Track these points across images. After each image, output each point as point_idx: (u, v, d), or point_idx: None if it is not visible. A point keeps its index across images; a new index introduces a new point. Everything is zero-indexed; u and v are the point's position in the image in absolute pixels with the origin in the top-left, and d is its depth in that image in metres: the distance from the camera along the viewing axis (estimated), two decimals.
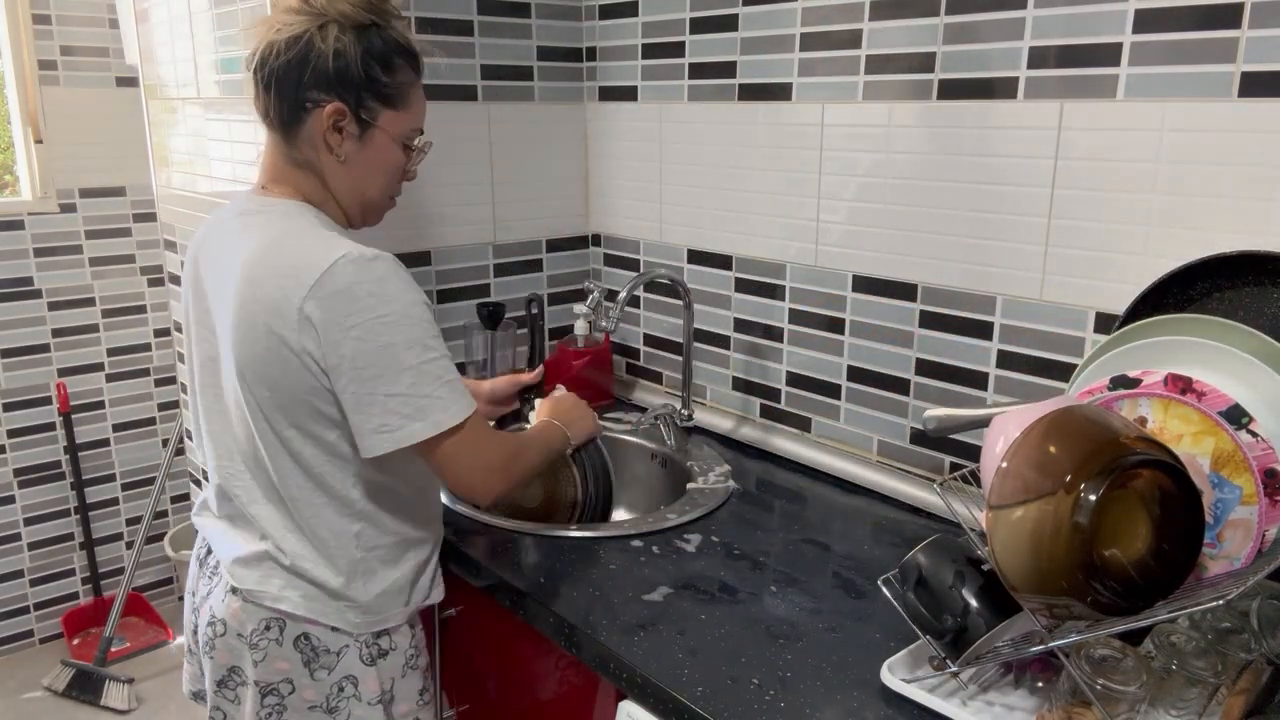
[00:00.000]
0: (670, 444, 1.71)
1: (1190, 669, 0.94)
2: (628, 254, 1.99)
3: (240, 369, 1.10)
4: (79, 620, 2.89)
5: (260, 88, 1.12)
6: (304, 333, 1.04)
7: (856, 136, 1.50)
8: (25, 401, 2.72)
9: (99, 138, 2.72)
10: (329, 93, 1.10)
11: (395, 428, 1.06)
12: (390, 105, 1.14)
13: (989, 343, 1.39)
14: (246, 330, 1.08)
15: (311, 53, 1.09)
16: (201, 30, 1.85)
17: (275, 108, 1.12)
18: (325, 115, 1.10)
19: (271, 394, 1.09)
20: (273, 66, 1.10)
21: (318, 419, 1.10)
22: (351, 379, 1.05)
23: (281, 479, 1.13)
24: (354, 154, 1.14)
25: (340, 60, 1.09)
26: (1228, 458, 0.91)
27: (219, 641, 1.18)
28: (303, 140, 1.13)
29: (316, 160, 1.14)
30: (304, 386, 1.07)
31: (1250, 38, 1.09)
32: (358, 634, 1.17)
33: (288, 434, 1.11)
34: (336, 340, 1.04)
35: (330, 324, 1.03)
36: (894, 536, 1.38)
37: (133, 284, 2.85)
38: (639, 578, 1.25)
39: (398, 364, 1.05)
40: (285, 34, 1.09)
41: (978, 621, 0.96)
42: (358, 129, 1.13)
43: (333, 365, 1.05)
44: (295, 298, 1.04)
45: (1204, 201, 1.15)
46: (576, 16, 1.95)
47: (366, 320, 1.03)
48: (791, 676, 1.03)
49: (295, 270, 1.05)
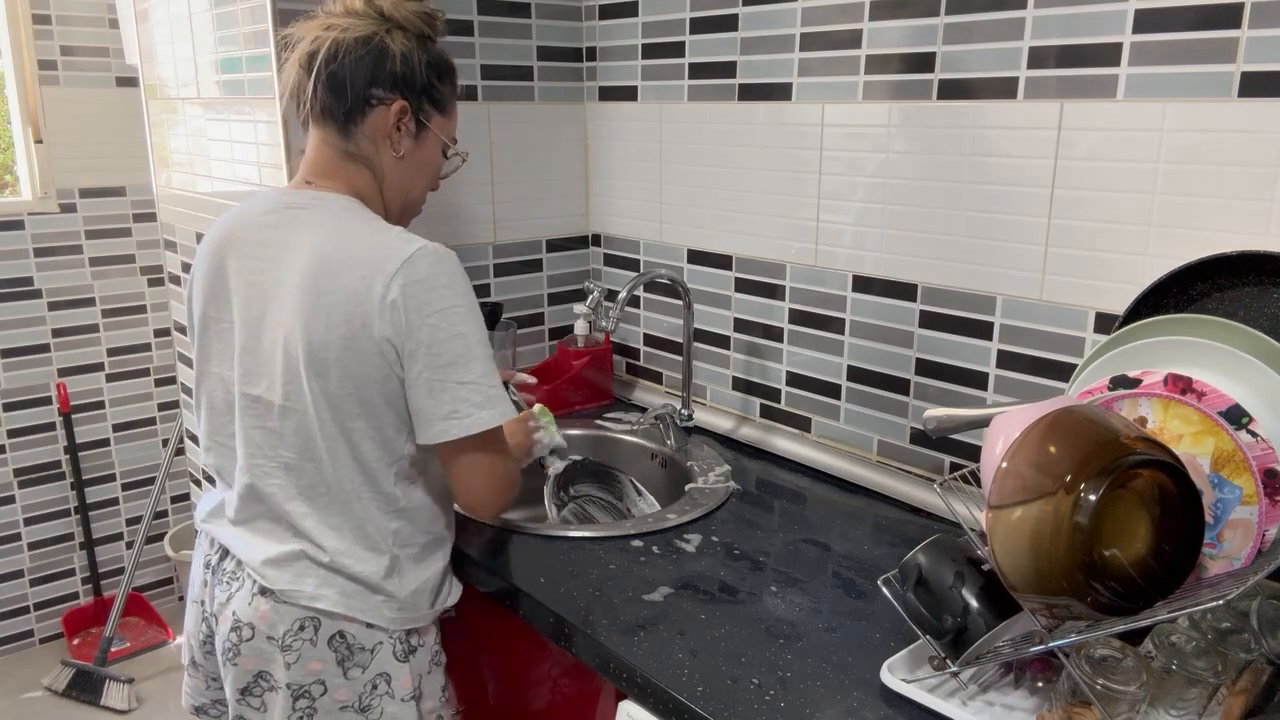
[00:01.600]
0: (670, 444, 1.71)
1: (1190, 669, 0.94)
2: (628, 254, 1.99)
3: (308, 359, 1.10)
4: (79, 620, 2.89)
5: (318, 83, 1.15)
6: (384, 319, 1.07)
7: (856, 136, 1.50)
8: (25, 401, 2.72)
9: (99, 138, 2.72)
10: (395, 91, 1.16)
11: (465, 415, 1.10)
12: (441, 111, 1.22)
13: (989, 343, 1.39)
14: (321, 320, 1.09)
15: (383, 54, 1.15)
16: (201, 30, 1.85)
17: (335, 101, 1.16)
18: (393, 112, 1.17)
19: (345, 383, 1.10)
20: (342, 62, 1.14)
21: (383, 410, 1.12)
22: (426, 364, 1.09)
23: (336, 471, 1.13)
24: (410, 151, 1.21)
25: (407, 64, 1.16)
26: (1228, 458, 0.91)
27: (245, 646, 1.16)
28: (362, 135, 1.18)
29: (375, 155, 1.19)
30: (378, 374, 1.10)
31: (1250, 38, 1.09)
32: (392, 630, 1.17)
33: (352, 425, 1.12)
34: (416, 325, 1.08)
35: (411, 309, 1.07)
36: (894, 536, 1.38)
37: (133, 284, 2.85)
38: (639, 578, 1.25)
39: (470, 354, 1.10)
40: (353, 34, 1.15)
41: (978, 621, 0.96)
42: (415, 128, 1.20)
43: (409, 350, 1.08)
44: (379, 285, 1.07)
45: (1204, 201, 1.15)
46: (576, 16, 1.95)
47: (444, 309, 1.08)
48: (791, 676, 1.03)
49: (376, 259, 1.08)
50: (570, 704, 1.24)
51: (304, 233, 1.13)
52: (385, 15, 1.16)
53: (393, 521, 1.17)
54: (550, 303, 2.03)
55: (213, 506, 1.26)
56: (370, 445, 1.13)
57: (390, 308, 1.07)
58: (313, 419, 1.12)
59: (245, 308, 1.16)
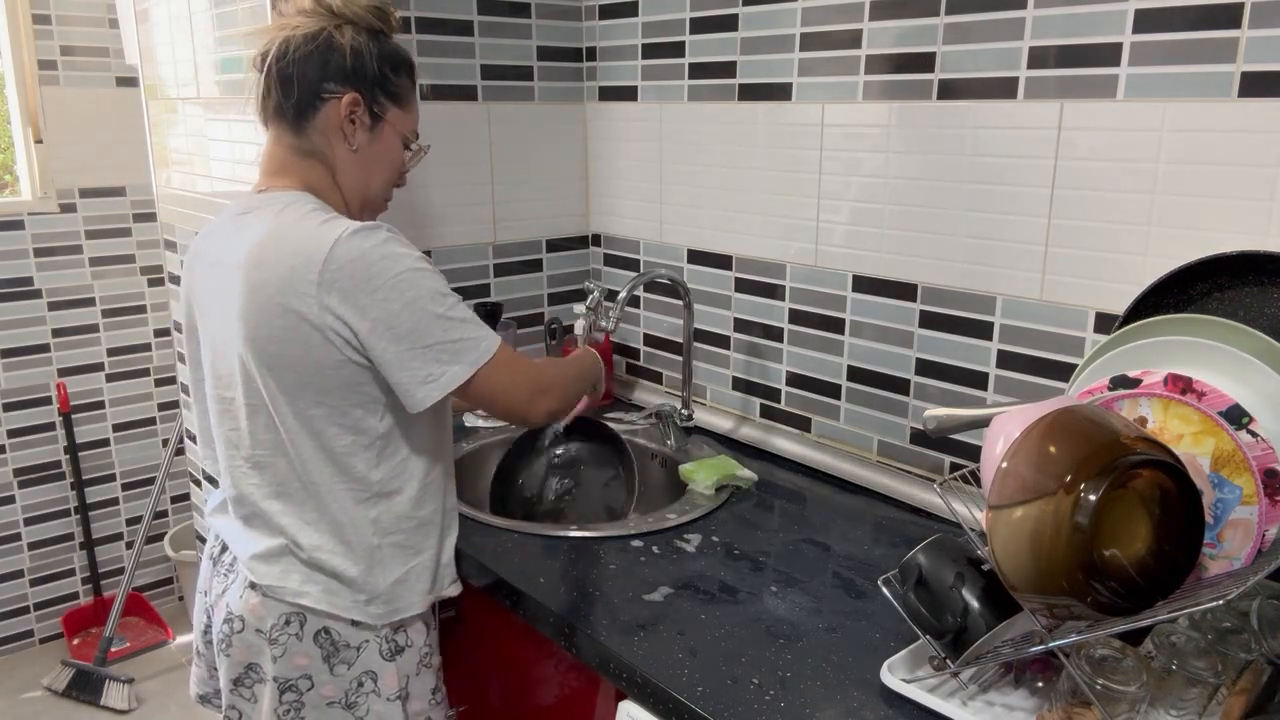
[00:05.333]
0: (670, 444, 1.71)
1: (1190, 669, 0.94)
2: (628, 254, 1.99)
3: (256, 355, 1.11)
4: (79, 620, 2.89)
5: (271, 82, 1.16)
6: (324, 307, 1.07)
7: (856, 136, 1.50)
8: (25, 401, 2.72)
9: (99, 138, 2.72)
10: (346, 84, 1.16)
11: (439, 375, 1.10)
12: (397, 103, 1.22)
13: (989, 343, 1.39)
14: (260, 315, 1.10)
15: (331, 48, 1.15)
16: (201, 30, 1.85)
17: (288, 100, 1.16)
18: (344, 105, 1.16)
19: (293, 374, 1.11)
20: (290, 59, 1.15)
21: (344, 393, 1.12)
22: (390, 340, 1.08)
23: (303, 464, 1.14)
24: (365, 144, 1.20)
25: (358, 57, 1.16)
26: (1228, 458, 0.91)
27: (236, 638, 1.18)
28: (315, 130, 1.18)
29: (328, 150, 1.19)
30: (328, 360, 1.10)
31: (1250, 38, 1.09)
32: (379, 626, 1.18)
33: (314, 413, 1.12)
34: (365, 306, 1.07)
35: (354, 292, 1.07)
36: (894, 536, 1.38)
37: (133, 284, 2.85)
38: (639, 578, 1.25)
39: (427, 315, 1.09)
40: (302, 30, 1.15)
41: (978, 621, 0.96)
42: (369, 121, 1.19)
43: (367, 332, 1.08)
44: (310, 274, 1.07)
45: (1204, 201, 1.15)
46: (576, 16, 1.95)
47: (387, 282, 1.08)
48: (791, 676, 1.03)
49: (303, 249, 1.08)
50: (570, 704, 1.24)
51: (248, 235, 1.14)
52: (335, 11, 1.16)
53: (370, 509, 1.16)
54: (550, 303, 2.03)
55: (219, 501, 1.28)
56: (336, 430, 1.13)
57: (327, 296, 1.07)
58: (273, 414, 1.14)
59: (209, 318, 1.20)
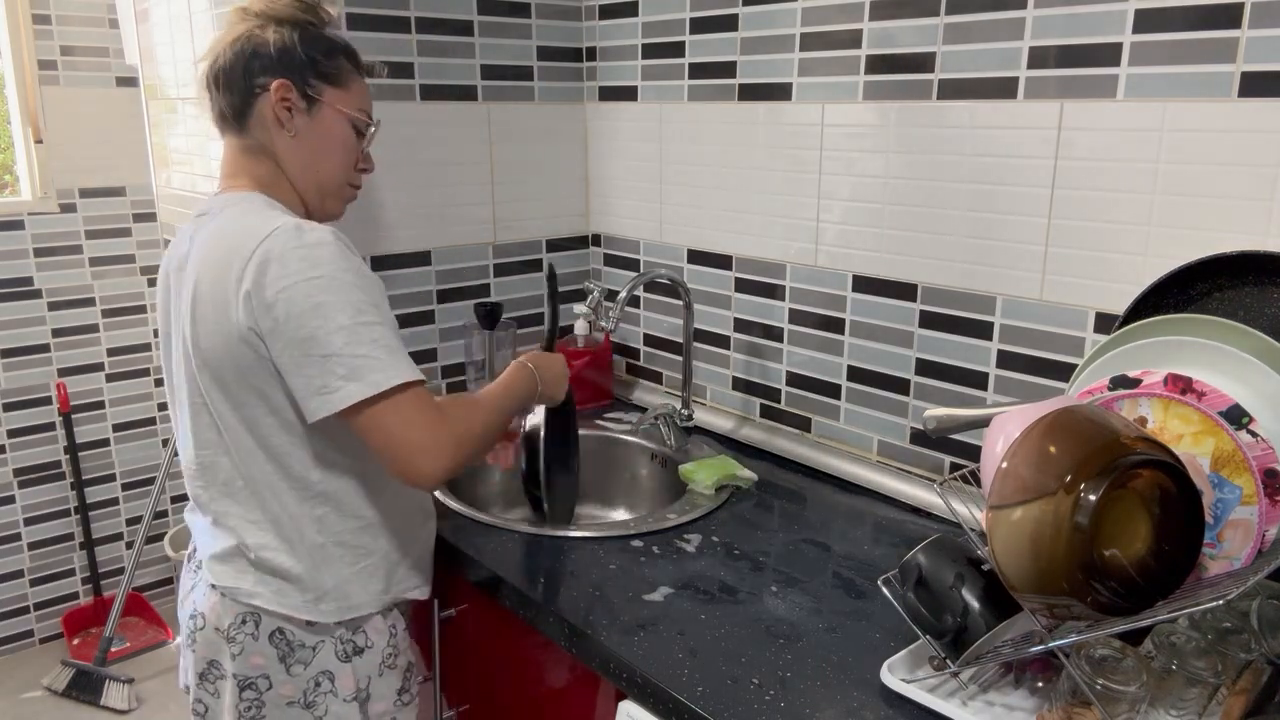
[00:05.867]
0: (670, 444, 1.71)
1: (1190, 669, 0.94)
2: (628, 254, 1.99)
3: (197, 354, 1.12)
4: (79, 620, 2.88)
5: (213, 91, 1.19)
6: (244, 302, 1.06)
7: (856, 136, 1.50)
8: (25, 401, 2.72)
9: (99, 138, 2.72)
10: (273, 74, 1.17)
11: (333, 389, 1.05)
12: (333, 84, 1.20)
13: (989, 343, 1.39)
14: (199, 312, 1.11)
15: (254, 45, 1.17)
16: (201, 30, 1.85)
17: (227, 102, 1.18)
18: (273, 91, 1.16)
19: (231, 371, 1.10)
20: (220, 66, 1.17)
21: (275, 392, 1.11)
22: (287, 342, 1.06)
23: (244, 462, 1.14)
24: (305, 128, 1.19)
25: (281, 46, 1.17)
26: (1228, 458, 0.91)
27: (199, 635, 1.20)
28: (255, 125, 1.18)
29: (270, 142, 1.19)
30: (251, 360, 1.09)
31: (1250, 38, 1.09)
32: (333, 626, 1.18)
33: (252, 413, 1.12)
34: (269, 303, 1.05)
35: (262, 288, 1.05)
36: (894, 536, 1.38)
37: (133, 284, 2.85)
38: (639, 578, 1.25)
39: (330, 323, 1.04)
40: (228, 37, 1.18)
41: (978, 621, 0.96)
42: (305, 104, 1.19)
43: (267, 330, 1.06)
44: (236, 269, 1.07)
45: (1204, 201, 1.15)
46: (576, 16, 1.95)
47: (297, 282, 1.04)
48: (791, 676, 1.03)
49: (236, 247, 1.08)
50: (570, 704, 1.24)
51: (200, 236, 1.15)
52: (258, 14, 1.18)
53: (315, 508, 1.16)
54: None
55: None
56: (273, 429, 1.13)
57: (247, 290, 1.05)
58: (213, 413, 1.14)
59: (168, 322, 1.22)
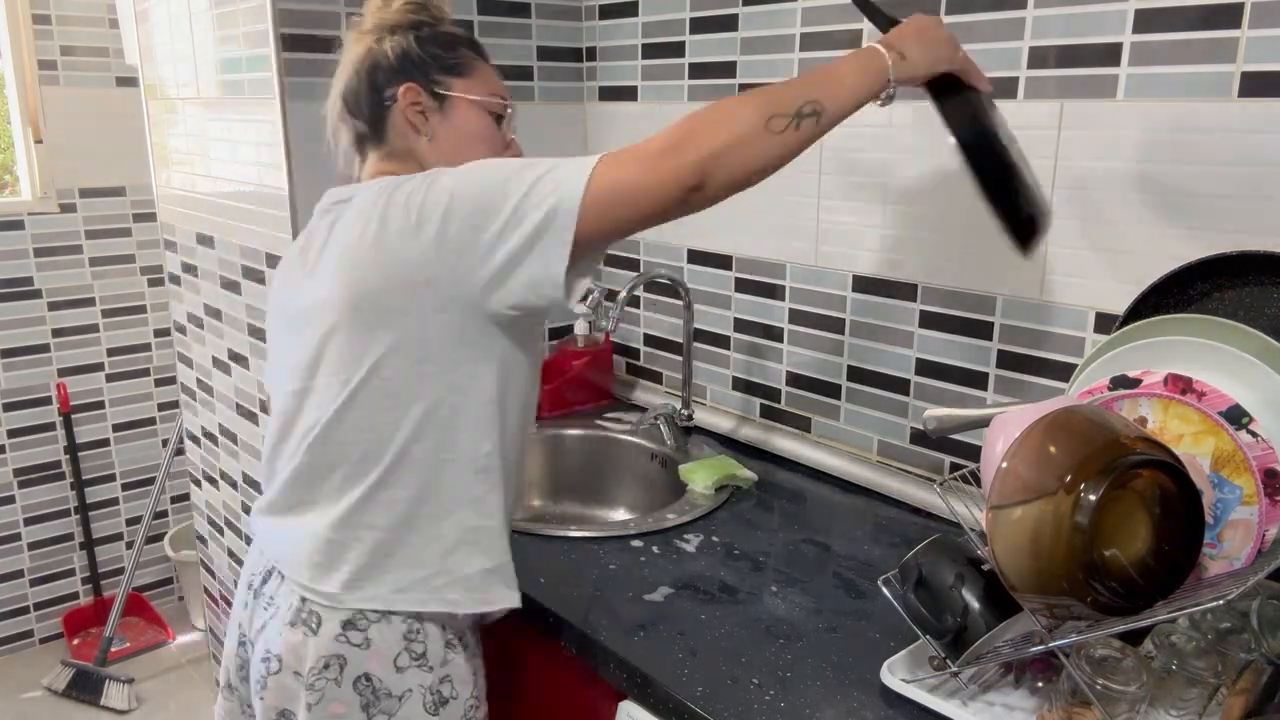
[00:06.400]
0: (670, 444, 1.71)
1: (1190, 669, 0.94)
2: (628, 254, 1.99)
3: (358, 316, 1.03)
4: (79, 620, 2.89)
5: (347, 120, 1.17)
6: (398, 278, 1.00)
7: (856, 136, 1.50)
8: (25, 401, 2.72)
9: (99, 138, 2.72)
10: (399, 81, 1.13)
11: (556, 197, 0.95)
12: (459, 74, 1.16)
13: (989, 343, 1.39)
14: (358, 281, 1.03)
15: (374, 59, 1.14)
16: (201, 30, 1.85)
17: (363, 121, 1.16)
18: (401, 97, 1.13)
19: (400, 334, 1.02)
20: (348, 91, 1.16)
21: (457, 346, 1.03)
22: (474, 230, 0.97)
23: (415, 430, 1.04)
24: (440, 127, 1.15)
25: (400, 52, 1.14)
26: (1228, 458, 0.91)
27: (272, 680, 1.07)
28: (394, 133, 1.15)
29: (411, 149, 1.16)
30: (430, 305, 1.00)
31: (1250, 38, 1.09)
32: (424, 673, 1.07)
33: (425, 369, 1.03)
34: (428, 230, 0.98)
35: (418, 223, 0.99)
36: (894, 536, 1.38)
37: (133, 284, 2.85)
38: (639, 578, 1.25)
39: (495, 175, 0.99)
40: (349, 61, 1.16)
41: (978, 621, 0.96)
42: (436, 103, 1.15)
43: (451, 250, 0.98)
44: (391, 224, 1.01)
45: (1204, 201, 1.15)
46: (576, 16, 1.95)
47: (431, 190, 1.00)
48: (791, 676, 1.03)
49: (380, 205, 1.03)
50: (570, 703, 1.24)
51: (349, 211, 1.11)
52: (371, 29, 1.16)
53: (476, 487, 1.09)
54: None
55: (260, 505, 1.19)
56: (451, 393, 1.06)
57: (399, 241, 1.00)
58: (381, 381, 1.06)
59: (306, 299, 1.15)
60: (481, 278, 0.99)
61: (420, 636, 1.08)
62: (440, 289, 1.00)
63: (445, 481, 1.07)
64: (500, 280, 0.99)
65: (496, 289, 0.99)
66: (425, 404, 1.04)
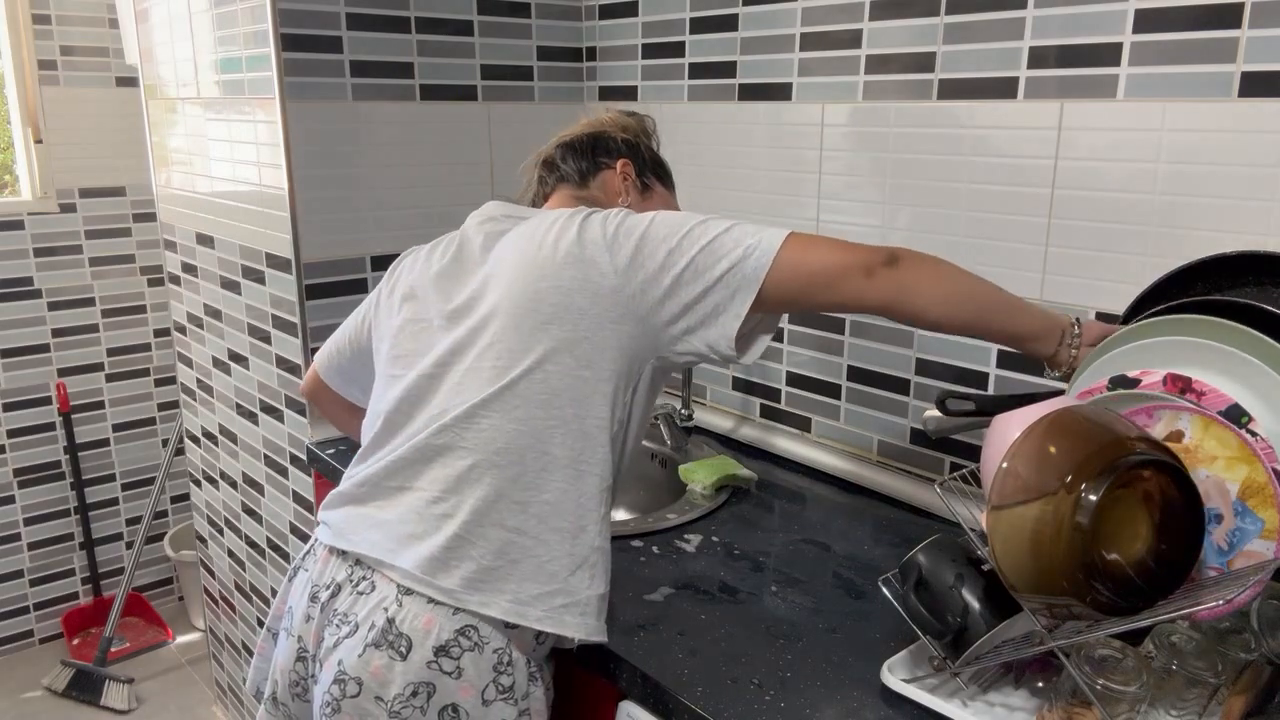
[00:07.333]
0: (670, 444, 1.71)
1: (1190, 669, 0.94)
2: None
3: (534, 308, 1.05)
4: (79, 620, 2.89)
5: (557, 162, 1.29)
6: (586, 280, 1.05)
7: (856, 136, 1.50)
8: (25, 401, 2.72)
9: (99, 138, 2.73)
10: (619, 155, 1.29)
11: (748, 253, 1.04)
12: (664, 183, 1.33)
13: (989, 343, 1.38)
14: (545, 277, 1.06)
15: (605, 132, 1.30)
16: (201, 30, 1.85)
17: (573, 167, 1.28)
18: (619, 165, 1.28)
19: (570, 333, 1.04)
20: (571, 140, 1.29)
21: (618, 359, 1.06)
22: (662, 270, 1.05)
23: (564, 434, 1.04)
24: (636, 205, 1.27)
25: (628, 141, 1.30)
26: (1258, 489, 0.89)
27: (348, 703, 1.01)
28: (596, 186, 1.27)
29: (606, 201, 1.26)
30: (611, 314, 1.05)
31: (1250, 38, 1.09)
32: (510, 706, 1.02)
33: (584, 374, 1.05)
34: (625, 246, 1.06)
35: (614, 236, 1.07)
36: (894, 536, 1.38)
37: (133, 284, 2.86)
38: (639, 578, 1.25)
39: (693, 218, 1.08)
40: (579, 125, 1.32)
41: (978, 622, 0.96)
42: (640, 187, 1.29)
43: (648, 278, 1.05)
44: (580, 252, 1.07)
45: (1204, 201, 1.15)
46: (576, 16, 1.95)
47: (630, 216, 1.09)
48: (791, 676, 1.03)
49: (578, 219, 1.10)
50: (570, 703, 1.24)
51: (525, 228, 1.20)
52: (608, 122, 1.32)
53: (602, 505, 1.09)
54: None
55: (340, 493, 1.16)
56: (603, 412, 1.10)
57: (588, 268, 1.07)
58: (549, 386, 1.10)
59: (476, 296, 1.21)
60: (658, 300, 1.06)
61: (509, 669, 1.03)
62: (622, 300, 1.05)
63: (584, 493, 1.05)
64: (680, 315, 1.06)
65: (675, 322, 1.06)
66: (578, 409, 1.05)
